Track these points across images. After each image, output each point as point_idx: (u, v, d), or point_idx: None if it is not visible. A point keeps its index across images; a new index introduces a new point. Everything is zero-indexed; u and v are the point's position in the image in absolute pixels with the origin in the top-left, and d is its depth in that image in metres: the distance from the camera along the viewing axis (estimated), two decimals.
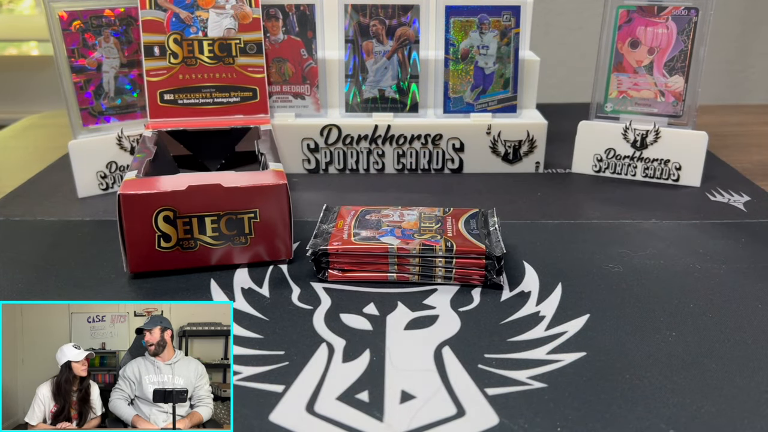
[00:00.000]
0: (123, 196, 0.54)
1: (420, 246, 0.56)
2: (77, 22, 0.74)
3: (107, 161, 0.76)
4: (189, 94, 0.77)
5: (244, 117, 0.78)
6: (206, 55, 0.77)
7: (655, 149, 0.79)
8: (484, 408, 0.42)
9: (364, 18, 0.81)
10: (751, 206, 0.74)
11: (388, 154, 0.83)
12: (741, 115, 1.09)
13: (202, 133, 0.76)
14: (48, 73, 0.98)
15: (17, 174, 0.85)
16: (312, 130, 0.82)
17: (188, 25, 0.76)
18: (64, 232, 0.68)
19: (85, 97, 0.75)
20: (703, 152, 0.77)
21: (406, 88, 0.83)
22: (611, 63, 0.79)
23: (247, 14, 0.78)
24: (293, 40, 0.81)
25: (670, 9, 0.76)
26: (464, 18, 0.81)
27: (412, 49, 0.82)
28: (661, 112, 0.79)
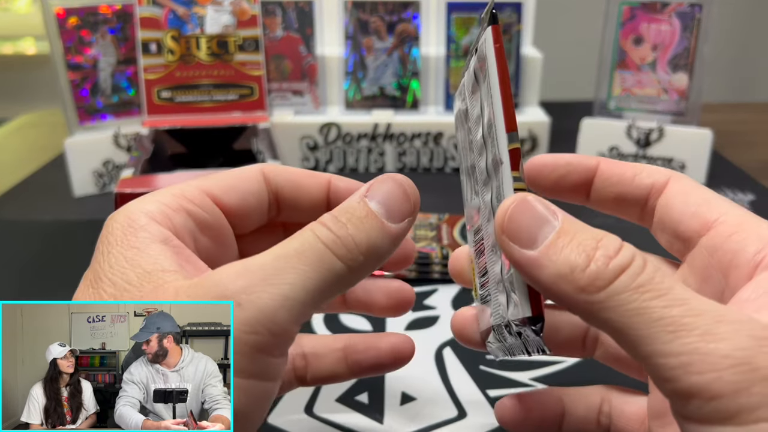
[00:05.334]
0: (120, 195, 0.53)
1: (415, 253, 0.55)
2: (73, 19, 0.73)
3: (104, 160, 0.76)
4: (186, 92, 0.76)
5: (242, 114, 0.77)
6: (204, 52, 0.76)
7: (659, 147, 0.78)
8: (486, 410, 0.42)
9: (364, 14, 0.80)
10: (756, 205, 0.73)
11: (388, 153, 0.82)
12: (746, 113, 1.08)
13: (199, 131, 0.75)
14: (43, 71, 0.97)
15: (12, 173, 0.84)
16: (311, 128, 0.81)
17: (185, 22, 0.75)
18: (60, 231, 0.67)
19: (81, 95, 0.74)
20: (708, 151, 0.76)
21: (406, 85, 0.82)
22: (614, 60, 0.79)
23: (245, 10, 0.77)
24: (292, 37, 0.80)
25: (673, 5, 0.75)
26: (465, 14, 0.80)
27: (413, 45, 0.81)
28: (664, 110, 0.78)
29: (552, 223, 0.23)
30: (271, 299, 0.23)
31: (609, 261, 0.22)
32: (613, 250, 0.22)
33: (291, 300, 0.24)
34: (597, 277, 0.22)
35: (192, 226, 0.28)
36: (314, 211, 0.32)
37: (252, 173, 0.31)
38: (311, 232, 0.25)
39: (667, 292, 0.21)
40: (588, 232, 0.23)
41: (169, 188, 0.29)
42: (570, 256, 0.22)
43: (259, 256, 0.25)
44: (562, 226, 0.23)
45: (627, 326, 0.21)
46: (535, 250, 0.23)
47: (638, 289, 0.21)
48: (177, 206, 0.28)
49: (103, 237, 0.27)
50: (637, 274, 0.21)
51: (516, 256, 0.24)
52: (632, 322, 0.21)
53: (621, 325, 0.21)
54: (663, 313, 0.21)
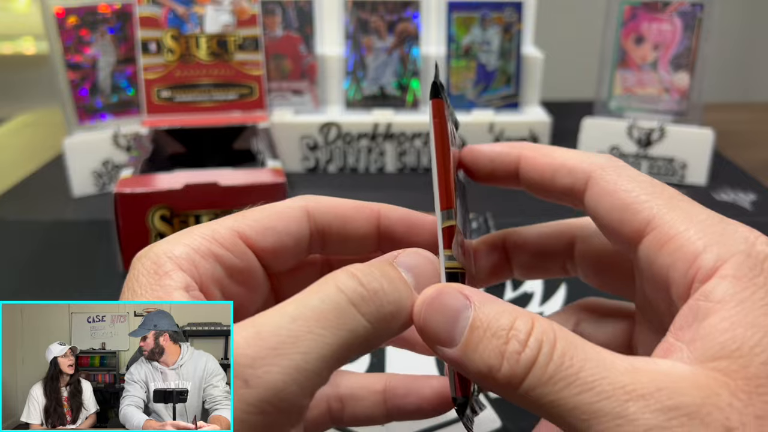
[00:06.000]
0: (119, 195, 0.53)
1: None
2: (73, 18, 0.72)
3: (103, 159, 0.75)
4: (186, 91, 0.76)
5: (241, 114, 0.77)
6: (203, 51, 0.76)
7: (660, 147, 0.78)
8: (487, 411, 0.42)
9: (364, 13, 0.80)
10: (758, 205, 0.73)
11: (388, 153, 0.82)
12: (748, 113, 1.08)
13: (199, 130, 0.75)
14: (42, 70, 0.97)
15: (11, 173, 0.84)
16: (311, 127, 0.81)
17: (185, 21, 0.75)
18: (59, 231, 0.66)
19: (80, 95, 0.74)
20: (709, 150, 0.76)
21: (406, 84, 0.82)
22: (615, 60, 0.78)
23: (244, 10, 0.77)
24: (292, 36, 0.80)
25: (674, 5, 0.75)
26: (466, 13, 0.80)
27: (413, 45, 0.81)
28: (666, 110, 0.78)
29: (465, 313, 0.23)
30: (282, 374, 0.21)
31: (519, 357, 0.22)
32: (523, 341, 0.22)
33: (304, 372, 0.22)
34: (512, 376, 0.22)
35: (220, 272, 0.27)
36: (363, 246, 0.30)
37: (294, 211, 0.29)
38: (334, 284, 0.23)
39: (577, 374, 0.21)
40: (501, 319, 0.22)
41: (201, 227, 0.28)
42: (484, 355, 0.22)
43: (275, 316, 0.22)
44: (475, 315, 0.23)
45: (547, 416, 0.21)
46: (455, 348, 0.23)
47: (549, 382, 0.21)
48: (206, 251, 0.27)
49: (128, 282, 0.26)
50: (546, 363, 0.21)
51: (439, 354, 0.23)
52: (550, 413, 0.21)
53: (543, 414, 0.22)
54: (576, 402, 0.21)
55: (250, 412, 0.21)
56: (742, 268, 0.22)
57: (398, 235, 0.30)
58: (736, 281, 0.22)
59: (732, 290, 0.22)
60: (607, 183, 0.26)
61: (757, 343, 0.21)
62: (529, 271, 0.33)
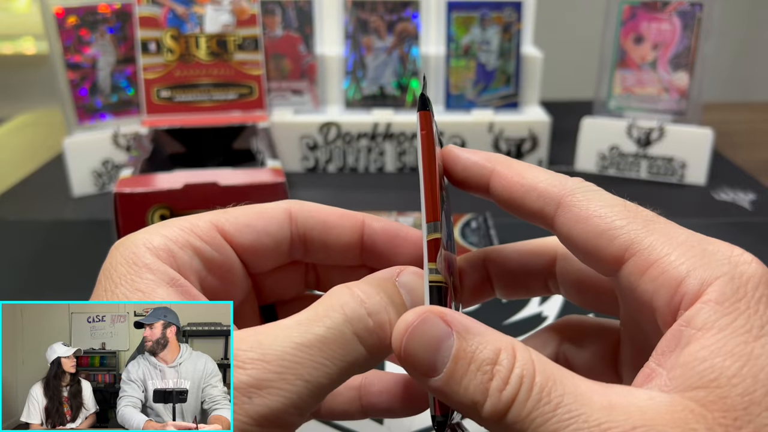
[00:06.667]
0: (119, 195, 0.53)
1: None
2: (72, 18, 0.72)
3: (103, 159, 0.75)
4: (185, 91, 0.76)
5: (241, 114, 0.77)
6: (203, 51, 0.76)
7: (659, 147, 0.78)
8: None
9: (364, 13, 0.80)
10: (757, 205, 0.73)
11: (388, 152, 0.82)
12: (747, 113, 1.08)
13: (198, 130, 0.75)
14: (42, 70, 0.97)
15: (11, 173, 0.84)
16: (311, 127, 0.81)
17: (185, 21, 0.75)
18: (59, 231, 0.66)
19: (80, 95, 0.74)
20: (709, 150, 0.76)
21: (406, 84, 0.82)
22: (615, 59, 0.78)
23: (244, 9, 0.77)
24: (291, 36, 0.80)
25: (674, 4, 0.75)
26: (465, 13, 0.80)
27: (413, 44, 0.81)
28: (665, 110, 0.78)
29: (447, 342, 0.23)
30: (283, 398, 0.22)
31: (501, 392, 0.22)
32: (505, 378, 0.22)
33: (304, 398, 0.22)
34: (494, 411, 0.22)
35: (198, 264, 0.27)
36: (345, 254, 0.30)
37: (275, 212, 0.29)
38: (342, 312, 0.24)
39: (554, 411, 0.21)
40: (485, 351, 0.23)
41: (180, 220, 0.27)
42: (469, 390, 0.22)
43: (279, 337, 0.23)
44: (458, 346, 0.22)
45: None
46: (437, 378, 0.23)
47: (528, 418, 0.21)
48: (184, 242, 0.27)
49: (105, 270, 0.26)
50: (526, 398, 0.21)
51: (421, 384, 0.23)
52: None
53: None
54: None
55: (248, 423, 0.22)
56: (725, 292, 0.22)
57: (381, 246, 0.30)
58: (717, 307, 0.22)
59: (713, 317, 0.21)
60: (579, 209, 0.25)
61: (735, 373, 0.20)
62: (510, 290, 0.33)
